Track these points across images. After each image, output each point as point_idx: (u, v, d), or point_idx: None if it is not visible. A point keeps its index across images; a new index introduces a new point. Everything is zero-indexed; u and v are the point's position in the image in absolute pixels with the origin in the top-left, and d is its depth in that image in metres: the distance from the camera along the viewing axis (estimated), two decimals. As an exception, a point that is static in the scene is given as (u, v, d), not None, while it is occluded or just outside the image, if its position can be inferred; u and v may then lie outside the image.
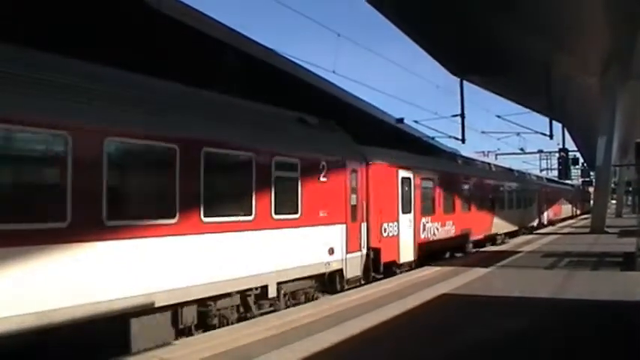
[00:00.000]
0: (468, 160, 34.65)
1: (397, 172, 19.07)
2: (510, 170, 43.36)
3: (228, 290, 11.41)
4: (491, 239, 29.50)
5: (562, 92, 35.18)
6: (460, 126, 33.62)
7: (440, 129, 38.78)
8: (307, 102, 17.86)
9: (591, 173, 64.93)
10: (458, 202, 25.13)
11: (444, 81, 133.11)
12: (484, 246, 27.56)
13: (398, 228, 18.74)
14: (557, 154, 46.28)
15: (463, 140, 33.39)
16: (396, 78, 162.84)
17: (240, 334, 9.36)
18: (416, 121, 30.63)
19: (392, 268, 18.10)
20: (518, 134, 44.66)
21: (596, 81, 34.80)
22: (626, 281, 14.98)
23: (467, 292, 13.70)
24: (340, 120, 17.37)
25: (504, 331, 9.54)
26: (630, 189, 63.94)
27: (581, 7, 25.76)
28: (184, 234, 10.18)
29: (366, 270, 16.52)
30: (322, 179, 14.77)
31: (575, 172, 66.93)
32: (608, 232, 33.52)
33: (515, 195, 36.47)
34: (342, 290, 14.95)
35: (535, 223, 42.51)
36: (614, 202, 71.96)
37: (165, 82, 11.30)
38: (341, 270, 15.35)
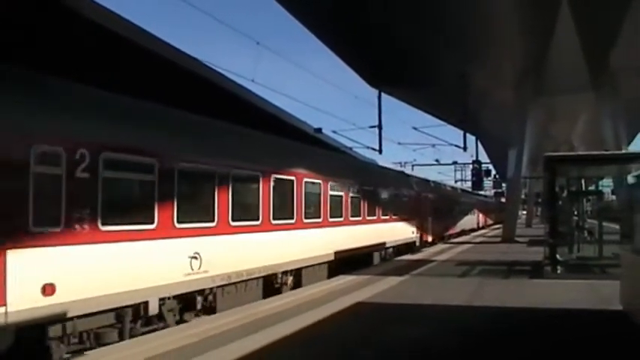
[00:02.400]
0: (439, 183, 47.86)
1: (428, 195, 37.13)
2: (463, 190, 60.45)
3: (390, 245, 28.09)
4: (454, 234, 47.47)
5: (476, 105, 36.15)
6: (377, 137, 34.21)
7: (357, 139, 39.30)
8: (228, 110, 18.01)
9: (503, 185, 67.07)
10: (444, 211, 43.03)
11: (363, 92, 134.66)
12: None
13: (428, 224, 36.16)
14: (470, 166, 47.49)
15: (380, 151, 33.91)
16: (315, 88, 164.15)
17: (156, 344, 9.10)
18: (334, 131, 30.92)
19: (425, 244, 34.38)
20: (433, 146, 45.94)
21: (509, 95, 35.92)
22: (534, 289, 15.48)
23: (381, 300, 13.82)
24: (262, 129, 17.50)
25: (413, 338, 9.68)
26: (539, 200, 66.26)
27: (495, 22, 26.57)
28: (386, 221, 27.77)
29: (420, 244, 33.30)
30: (414, 200, 33.35)
31: (488, 183, 68.96)
32: (518, 242, 34.64)
33: (466, 207, 57.29)
34: (417, 251, 30.15)
35: (475, 226, 61.75)
36: (524, 212, 74.53)
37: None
38: (415, 242, 32.15)
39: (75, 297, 9.76)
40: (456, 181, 71.78)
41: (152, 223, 11.76)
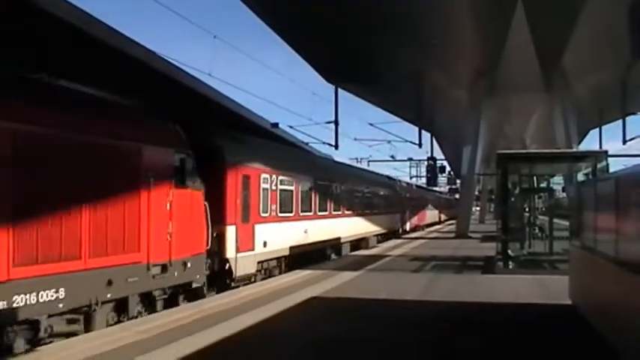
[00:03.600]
0: (414, 185, 59.09)
1: (407, 195, 46.84)
2: (432, 190, 65.52)
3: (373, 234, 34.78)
4: (424, 225, 55.91)
5: (431, 103, 36.53)
6: (334, 132, 34.33)
7: (314, 135, 39.22)
8: (185, 104, 18.07)
9: (457, 181, 67.88)
10: (417, 207, 52.47)
11: (320, 88, 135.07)
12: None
13: (407, 217, 45.29)
14: (425, 162, 47.96)
15: (336, 147, 34.07)
16: (273, 83, 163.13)
17: (96, 343, 8.95)
18: (291, 126, 30.97)
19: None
20: (389, 142, 46.48)
21: (464, 94, 36.38)
22: (485, 283, 15.79)
23: (336, 294, 13.93)
24: (218, 123, 17.70)
25: (366, 332, 9.82)
26: (492, 197, 67.28)
27: (450, 23, 26.89)
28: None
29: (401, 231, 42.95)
30: (397, 196, 42.45)
31: (443, 179, 69.75)
32: (471, 237, 35.15)
33: (434, 203, 67.81)
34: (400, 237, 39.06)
35: (437, 220, 68.79)
36: (478, 208, 75.61)
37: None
38: (398, 230, 41.36)
39: (272, 249, 19.09)
40: (410, 177, 72.55)
41: (292, 212, 21.40)
